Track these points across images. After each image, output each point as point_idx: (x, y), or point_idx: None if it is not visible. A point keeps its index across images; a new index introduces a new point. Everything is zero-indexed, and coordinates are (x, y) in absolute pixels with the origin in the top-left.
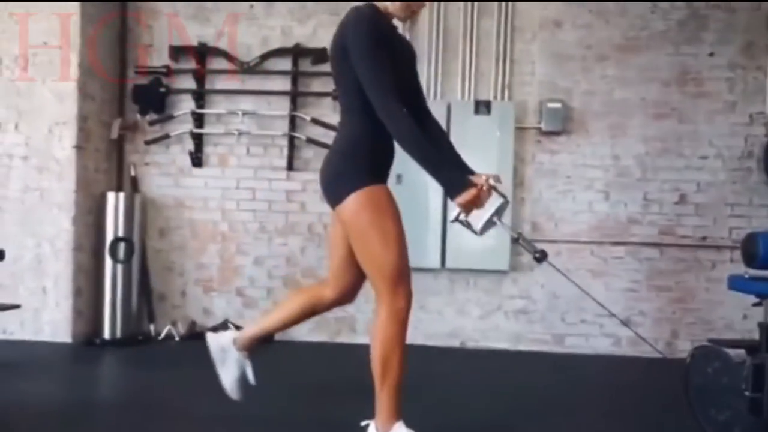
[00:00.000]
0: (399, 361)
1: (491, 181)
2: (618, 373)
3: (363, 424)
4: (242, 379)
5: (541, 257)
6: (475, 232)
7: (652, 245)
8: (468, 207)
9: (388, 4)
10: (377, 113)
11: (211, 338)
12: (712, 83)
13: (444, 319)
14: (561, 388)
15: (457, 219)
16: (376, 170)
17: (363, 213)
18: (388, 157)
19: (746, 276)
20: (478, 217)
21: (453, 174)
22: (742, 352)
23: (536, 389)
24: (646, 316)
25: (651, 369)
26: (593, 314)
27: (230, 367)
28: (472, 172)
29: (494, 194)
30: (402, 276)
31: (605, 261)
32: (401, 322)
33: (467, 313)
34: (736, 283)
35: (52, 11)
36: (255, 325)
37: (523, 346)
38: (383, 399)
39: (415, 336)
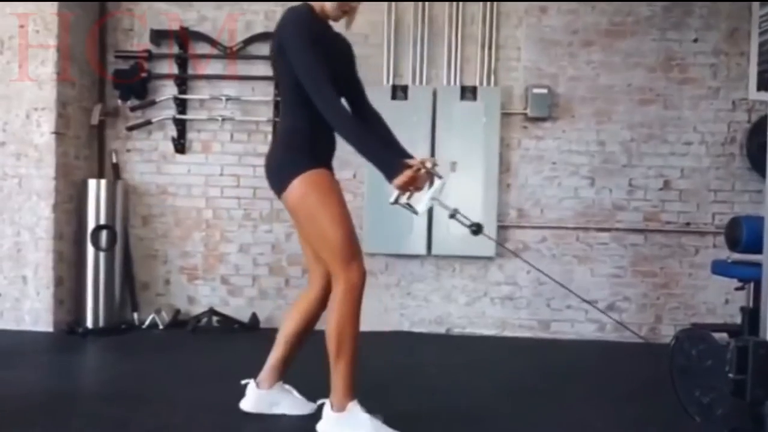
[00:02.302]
0: (353, 339)
1: (428, 163)
2: (603, 358)
3: (318, 402)
4: (299, 402)
5: (476, 230)
6: (416, 212)
7: (636, 231)
8: (405, 188)
9: (324, 4)
10: (316, 105)
11: (246, 402)
12: (697, 69)
13: (430, 306)
14: (546, 374)
15: (396, 201)
16: (317, 157)
17: (309, 195)
18: (329, 146)
19: (729, 260)
20: (417, 199)
21: (388, 158)
22: (724, 335)
23: (522, 375)
24: (631, 301)
25: (635, 354)
26: (578, 300)
27: (282, 405)
28: (409, 156)
29: (432, 175)
30: (353, 253)
31: (591, 247)
32: (356, 300)
33: (453, 299)
34: (719, 268)
35: None
36: (268, 362)
37: (508, 332)
38: (338, 377)
39: (400, 322)
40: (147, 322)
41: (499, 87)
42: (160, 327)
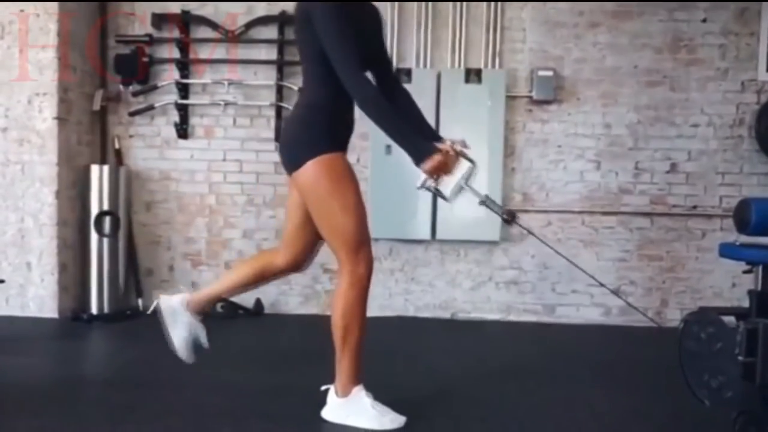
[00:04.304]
0: (359, 327)
1: (457, 146)
2: (608, 342)
3: (323, 388)
4: (194, 341)
5: (509, 219)
6: (445, 198)
7: (643, 215)
8: (435, 173)
9: None
10: (343, 83)
11: (163, 300)
12: (705, 50)
13: (435, 291)
14: (552, 358)
15: (423, 186)
16: (336, 139)
17: (322, 180)
18: (348, 127)
19: (737, 243)
20: (446, 183)
21: (417, 141)
22: (731, 319)
23: (527, 359)
24: (637, 285)
25: (641, 338)
26: (584, 284)
27: (180, 329)
28: (439, 138)
29: (461, 159)
30: (362, 243)
31: (596, 231)
32: (362, 289)
33: (458, 284)
34: (727, 251)
35: None
36: (207, 288)
37: (514, 317)
38: (344, 364)
39: (405, 308)
40: (151, 308)
41: (504, 69)
42: None
